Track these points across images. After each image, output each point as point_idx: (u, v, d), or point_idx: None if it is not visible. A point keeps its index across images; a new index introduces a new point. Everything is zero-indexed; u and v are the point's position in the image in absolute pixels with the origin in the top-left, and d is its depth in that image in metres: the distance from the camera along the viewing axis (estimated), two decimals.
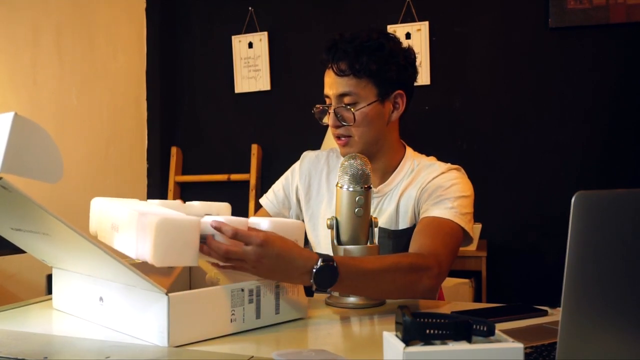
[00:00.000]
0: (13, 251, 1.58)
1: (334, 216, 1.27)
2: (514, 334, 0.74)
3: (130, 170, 3.48)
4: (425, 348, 0.69)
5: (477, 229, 2.64)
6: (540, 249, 2.96)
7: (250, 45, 3.42)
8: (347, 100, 1.42)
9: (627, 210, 0.68)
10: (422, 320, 0.70)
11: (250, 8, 3.43)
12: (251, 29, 3.43)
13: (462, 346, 0.70)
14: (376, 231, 1.29)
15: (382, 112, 1.44)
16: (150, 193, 3.57)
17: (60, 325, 1.12)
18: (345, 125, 1.43)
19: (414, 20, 3.12)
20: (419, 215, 1.42)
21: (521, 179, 3.02)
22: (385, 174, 1.50)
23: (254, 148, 3.42)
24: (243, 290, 1.04)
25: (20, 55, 2.78)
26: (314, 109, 1.48)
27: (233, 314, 1.02)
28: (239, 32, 3.45)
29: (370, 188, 1.25)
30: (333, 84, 1.43)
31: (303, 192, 1.59)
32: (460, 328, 0.71)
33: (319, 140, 2.87)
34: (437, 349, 0.70)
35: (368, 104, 1.42)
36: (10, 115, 0.87)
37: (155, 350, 0.94)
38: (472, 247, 2.61)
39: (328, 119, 1.45)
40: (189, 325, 0.97)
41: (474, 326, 0.72)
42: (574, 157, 2.92)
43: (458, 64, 3.13)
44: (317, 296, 1.33)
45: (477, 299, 2.82)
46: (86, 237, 0.90)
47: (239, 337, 1.01)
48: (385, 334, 0.75)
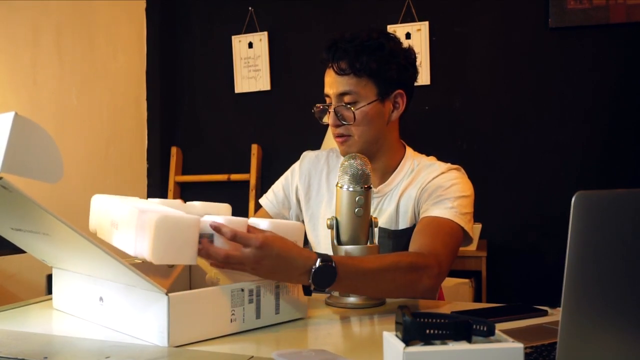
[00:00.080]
0: (13, 251, 1.58)
1: (334, 216, 1.27)
2: (514, 334, 0.74)
3: (130, 170, 3.48)
4: (425, 348, 0.69)
5: (477, 229, 2.64)
6: (540, 249, 2.96)
7: (250, 45, 3.42)
8: (347, 99, 1.42)
9: (627, 210, 0.68)
10: (422, 320, 0.70)
11: (250, 8, 3.43)
12: (251, 29, 3.43)
13: (462, 346, 0.70)
14: (376, 231, 1.29)
15: (382, 112, 1.44)
16: (150, 193, 3.57)
17: (60, 325, 1.12)
18: (345, 124, 1.43)
19: (414, 20, 3.12)
20: (418, 215, 1.42)
21: (521, 179, 3.02)
22: (385, 174, 1.50)
23: (254, 148, 3.42)
24: (243, 290, 1.04)
25: (20, 55, 2.78)
26: (314, 108, 1.48)
27: (233, 314, 1.02)
28: (239, 32, 3.45)
29: (370, 188, 1.25)
30: (333, 83, 1.43)
31: (303, 192, 1.59)
32: (460, 328, 0.71)
33: (319, 140, 2.87)
34: (437, 349, 0.70)
35: (368, 103, 1.42)
36: (11, 115, 0.87)
37: (155, 350, 0.94)
38: (472, 247, 2.61)
39: (328, 118, 1.46)
40: (189, 325, 0.97)
41: (474, 326, 0.72)
42: (574, 157, 2.92)
43: (458, 64, 3.13)
44: (317, 296, 1.33)
45: (477, 299, 2.82)
46: (86, 237, 0.90)
47: (239, 337, 1.01)
48: (385, 334, 0.75)
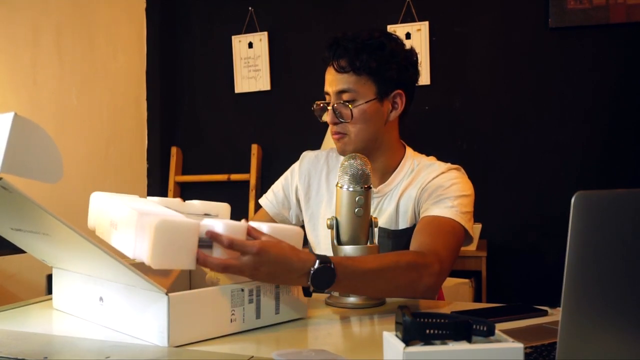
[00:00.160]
0: (13, 251, 1.58)
1: (334, 216, 1.27)
2: (514, 334, 0.74)
3: (130, 170, 3.48)
4: (425, 348, 0.69)
5: (477, 229, 2.64)
6: (540, 249, 2.96)
7: (250, 45, 3.42)
8: (346, 97, 1.42)
9: (627, 210, 0.68)
10: (422, 320, 0.70)
11: (250, 8, 3.43)
12: (251, 29, 3.43)
13: (462, 346, 0.70)
14: (376, 231, 1.29)
15: (381, 111, 1.44)
16: (150, 193, 3.56)
17: (60, 325, 1.12)
18: (342, 121, 1.43)
19: (414, 20, 3.12)
20: (419, 215, 1.42)
21: (521, 179, 3.02)
22: (385, 174, 1.50)
23: (254, 148, 3.42)
24: (243, 290, 1.04)
25: (20, 55, 2.78)
26: (314, 105, 1.49)
27: (233, 314, 1.02)
28: (239, 32, 3.45)
29: (370, 188, 1.25)
30: (333, 81, 1.44)
31: (303, 192, 1.59)
32: (460, 328, 0.71)
33: (319, 140, 2.87)
34: (437, 349, 0.70)
35: (366, 102, 1.42)
36: (10, 115, 0.87)
37: (155, 350, 0.94)
38: (472, 247, 2.60)
39: (327, 116, 1.46)
40: (189, 325, 0.97)
41: (474, 326, 0.72)
42: (574, 157, 2.92)
43: (458, 64, 3.13)
44: (317, 296, 1.33)
45: (477, 299, 2.82)
46: (86, 237, 0.90)
47: (239, 337, 1.01)
48: (385, 334, 0.75)
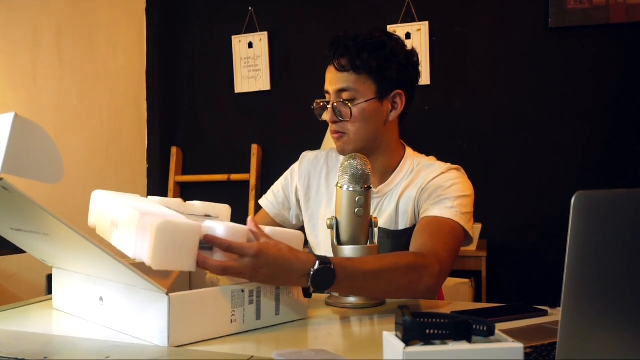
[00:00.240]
0: (13, 251, 1.58)
1: (334, 216, 1.27)
2: (514, 334, 0.74)
3: (130, 170, 3.48)
4: (425, 348, 0.69)
5: (477, 229, 2.64)
6: (540, 249, 2.96)
7: (250, 45, 3.42)
8: (346, 95, 1.42)
9: (627, 210, 0.68)
10: (422, 320, 0.70)
11: (250, 8, 3.43)
12: (251, 29, 3.43)
13: (462, 346, 0.70)
14: (376, 231, 1.29)
15: (380, 111, 1.44)
16: (150, 193, 3.56)
17: (60, 325, 1.12)
18: (342, 120, 1.43)
19: (414, 20, 3.12)
20: (418, 216, 1.42)
21: (521, 179, 3.02)
22: (385, 174, 1.50)
23: (254, 148, 3.42)
24: (243, 291, 1.04)
25: (20, 55, 2.78)
26: (314, 104, 1.49)
27: (233, 315, 1.02)
28: (239, 32, 3.45)
29: (370, 188, 1.25)
30: (333, 80, 1.44)
31: (302, 193, 1.59)
32: (460, 328, 0.71)
33: (319, 140, 2.87)
34: (437, 349, 0.70)
35: (366, 101, 1.42)
36: (11, 115, 0.87)
37: (155, 350, 0.94)
38: (472, 247, 2.60)
39: (326, 115, 1.46)
40: (189, 325, 0.97)
41: (474, 326, 0.72)
42: (574, 157, 2.92)
43: (458, 64, 3.13)
44: (317, 296, 1.33)
45: (477, 299, 2.82)
46: (86, 237, 0.90)
47: (239, 337, 1.01)
48: (385, 334, 0.75)
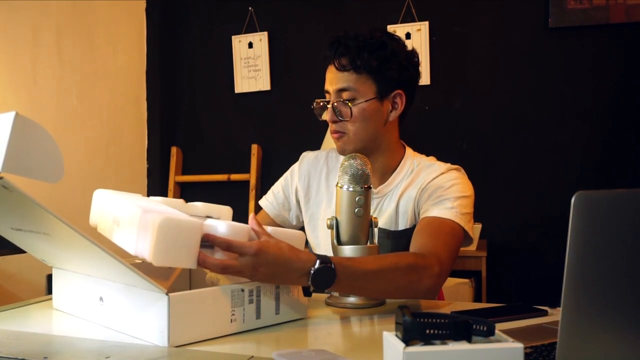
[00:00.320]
0: (13, 251, 1.58)
1: (334, 216, 1.27)
2: (514, 334, 0.74)
3: (130, 170, 3.48)
4: (425, 348, 0.69)
5: (477, 229, 2.64)
6: (540, 249, 2.96)
7: (250, 45, 3.42)
8: (346, 95, 1.42)
9: (627, 210, 0.68)
10: (422, 320, 0.70)
11: (250, 8, 3.43)
12: (251, 29, 3.43)
13: (462, 346, 0.70)
14: (376, 231, 1.29)
15: (380, 111, 1.44)
16: (150, 193, 3.56)
17: (60, 325, 1.12)
18: (342, 120, 1.43)
19: (414, 20, 3.12)
20: (418, 216, 1.42)
21: (521, 179, 3.02)
22: (385, 175, 1.50)
23: (254, 148, 3.42)
24: (243, 290, 1.04)
25: (20, 55, 2.78)
26: (314, 103, 1.49)
27: (233, 314, 1.02)
28: (239, 32, 3.45)
29: (370, 188, 1.25)
30: (333, 79, 1.44)
31: (302, 193, 1.59)
32: (460, 328, 0.71)
33: (319, 140, 2.87)
34: (437, 349, 0.70)
35: (366, 100, 1.42)
36: (11, 115, 0.87)
37: (155, 350, 0.94)
38: (472, 247, 2.60)
39: (326, 114, 1.46)
40: (189, 325, 0.97)
41: (474, 326, 0.72)
42: (574, 157, 2.92)
43: (458, 64, 3.13)
44: (317, 296, 1.33)
45: (477, 299, 2.82)
46: (86, 237, 0.90)
47: (239, 337, 1.01)
48: (385, 334, 0.75)
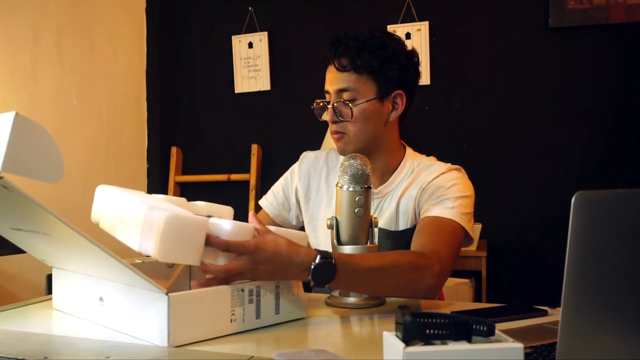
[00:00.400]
0: (13, 251, 1.58)
1: (334, 216, 1.27)
2: (514, 334, 0.74)
3: (130, 170, 3.48)
4: (425, 348, 0.69)
5: (477, 229, 2.64)
6: (540, 249, 2.96)
7: (250, 45, 3.42)
8: (346, 95, 1.42)
9: (627, 210, 0.68)
10: (422, 320, 0.70)
11: (250, 8, 3.43)
12: (251, 29, 3.43)
13: (462, 346, 0.70)
14: (376, 231, 1.29)
15: (381, 111, 1.44)
16: (150, 193, 3.55)
17: (60, 325, 1.12)
18: (342, 120, 1.43)
19: (414, 20, 3.12)
20: (419, 216, 1.42)
21: (521, 179, 3.02)
22: (385, 175, 1.50)
23: (254, 148, 3.42)
24: (243, 290, 1.04)
25: (20, 55, 2.78)
26: (314, 104, 1.49)
27: (233, 314, 1.02)
28: (239, 32, 3.45)
29: (370, 188, 1.25)
30: (334, 79, 1.44)
31: (302, 193, 1.59)
32: (460, 328, 0.71)
33: (319, 140, 2.87)
34: (437, 349, 0.70)
35: (366, 101, 1.42)
36: (12, 114, 0.87)
37: (155, 350, 0.94)
38: (472, 247, 2.59)
39: (327, 115, 1.46)
40: (189, 325, 0.97)
41: (474, 326, 0.72)
42: (574, 157, 2.92)
43: (458, 64, 3.13)
44: (317, 296, 1.33)
45: (477, 299, 2.82)
46: (86, 237, 0.90)
47: (239, 337, 1.01)
48: (385, 334, 0.75)
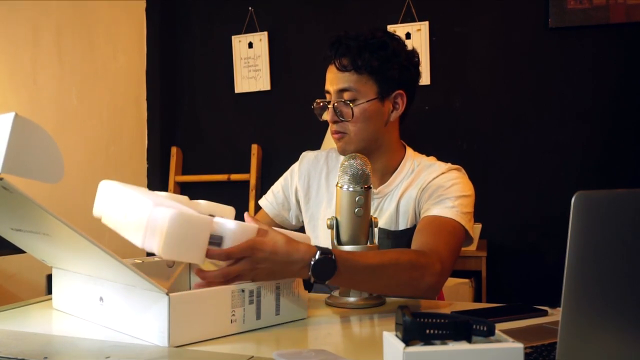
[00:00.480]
0: (13, 251, 1.58)
1: (334, 216, 1.27)
2: (514, 334, 0.74)
3: (130, 170, 3.48)
4: (425, 348, 0.69)
5: (477, 229, 2.64)
6: (540, 249, 2.96)
7: (250, 45, 3.42)
8: (347, 95, 1.42)
9: (627, 210, 0.68)
10: (422, 320, 0.70)
11: (250, 8, 3.43)
12: (251, 29, 3.43)
13: (462, 346, 0.70)
14: (376, 231, 1.29)
15: (381, 111, 1.44)
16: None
17: (60, 325, 1.12)
18: (343, 120, 1.43)
19: (414, 20, 3.12)
20: (419, 216, 1.42)
21: (521, 179, 3.02)
22: (385, 175, 1.50)
23: (254, 148, 3.42)
24: (243, 291, 1.04)
25: (20, 55, 2.78)
26: (314, 104, 1.49)
27: (233, 315, 1.02)
28: (239, 32, 3.45)
29: (370, 188, 1.25)
30: (334, 79, 1.43)
31: (302, 193, 1.59)
32: (460, 328, 0.71)
33: (319, 140, 2.87)
34: (437, 349, 0.70)
35: (367, 101, 1.42)
36: (11, 115, 0.87)
37: (155, 350, 0.94)
38: (472, 247, 2.59)
39: (327, 115, 1.46)
40: (189, 325, 0.97)
41: (474, 326, 0.72)
42: (574, 157, 2.92)
43: (458, 64, 3.13)
44: (317, 296, 1.33)
45: (477, 299, 2.82)
46: (86, 237, 0.90)
47: (239, 337, 1.01)
48: (385, 334, 0.75)
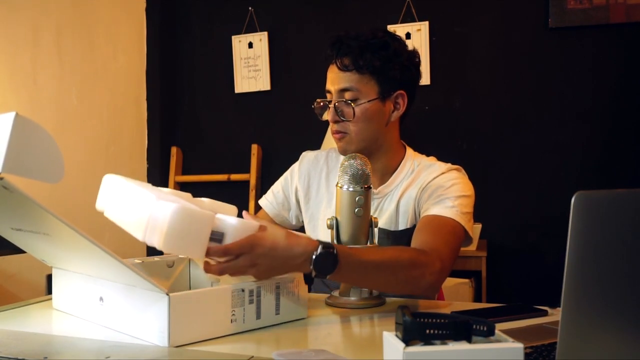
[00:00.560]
0: (13, 251, 1.58)
1: (334, 216, 1.27)
2: (514, 334, 0.74)
3: (130, 170, 3.48)
4: (425, 348, 0.69)
5: (477, 229, 2.64)
6: (540, 249, 2.96)
7: (250, 45, 3.42)
8: (348, 95, 1.42)
9: (627, 210, 0.68)
10: (422, 320, 0.70)
11: (250, 8, 3.43)
12: (251, 29, 3.43)
13: (462, 346, 0.70)
14: (376, 231, 1.29)
15: (382, 111, 1.44)
16: None
17: (60, 325, 1.12)
18: (344, 120, 1.43)
19: (414, 20, 3.12)
20: (419, 216, 1.42)
21: (521, 179, 3.02)
22: (385, 175, 1.50)
23: (254, 148, 3.42)
24: (243, 290, 1.04)
25: (20, 55, 2.78)
26: (315, 103, 1.48)
27: (233, 315, 1.02)
28: (239, 32, 3.45)
29: (370, 188, 1.25)
30: (335, 79, 1.43)
31: (302, 193, 1.59)
32: (460, 328, 0.71)
33: (319, 140, 2.87)
34: (437, 349, 0.70)
35: (368, 101, 1.42)
36: (12, 115, 0.87)
37: (155, 350, 0.94)
38: (472, 247, 2.60)
39: (328, 114, 1.46)
40: (190, 325, 0.97)
41: (474, 326, 0.72)
42: (574, 157, 2.92)
43: (458, 64, 3.13)
44: (317, 296, 1.33)
45: (477, 299, 2.82)
46: (86, 237, 0.90)
47: (239, 337, 1.01)
48: (385, 334, 0.75)
